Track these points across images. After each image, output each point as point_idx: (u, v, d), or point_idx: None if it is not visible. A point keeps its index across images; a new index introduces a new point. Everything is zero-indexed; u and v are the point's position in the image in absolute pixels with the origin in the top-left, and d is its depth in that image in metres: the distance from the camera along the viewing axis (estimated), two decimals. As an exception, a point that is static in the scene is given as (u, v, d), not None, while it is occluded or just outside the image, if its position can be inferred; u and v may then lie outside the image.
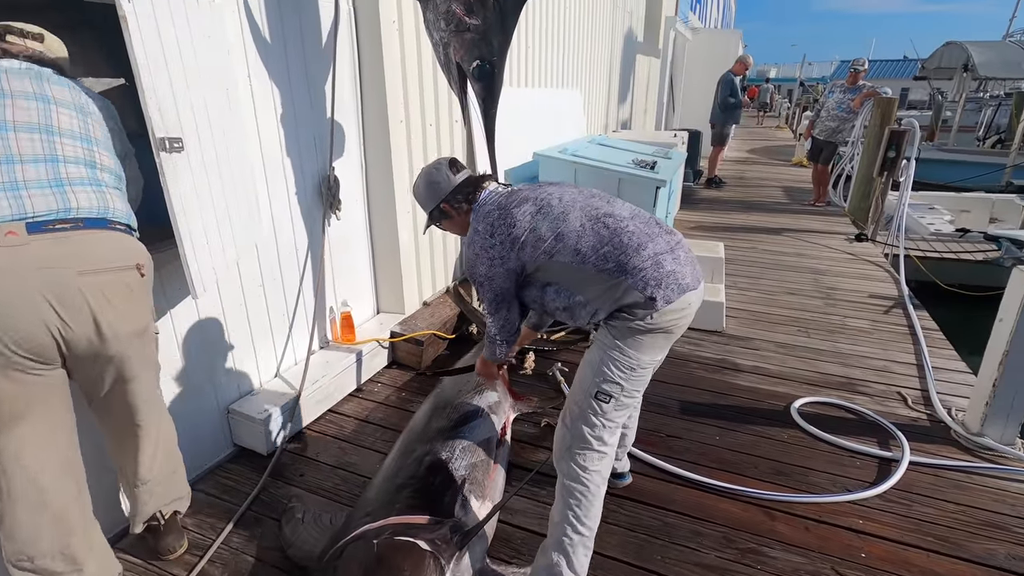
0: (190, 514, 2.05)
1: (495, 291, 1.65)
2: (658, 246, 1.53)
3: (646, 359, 1.56)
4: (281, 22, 2.38)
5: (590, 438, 1.58)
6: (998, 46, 13.61)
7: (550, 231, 1.55)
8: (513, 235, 1.57)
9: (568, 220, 1.55)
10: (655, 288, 1.47)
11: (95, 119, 1.52)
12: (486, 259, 1.61)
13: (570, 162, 3.97)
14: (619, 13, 7.34)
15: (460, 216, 1.74)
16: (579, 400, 1.60)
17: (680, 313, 1.52)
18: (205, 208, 1.86)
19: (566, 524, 1.60)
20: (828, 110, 7.11)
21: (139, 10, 1.56)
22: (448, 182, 1.72)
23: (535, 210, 1.59)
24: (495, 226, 1.60)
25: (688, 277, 1.53)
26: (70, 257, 1.30)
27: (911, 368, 3.15)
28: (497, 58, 2.26)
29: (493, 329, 1.79)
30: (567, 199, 1.61)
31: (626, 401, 1.59)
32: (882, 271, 4.90)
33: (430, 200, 1.76)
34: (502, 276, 1.62)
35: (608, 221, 1.55)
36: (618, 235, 1.52)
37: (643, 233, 1.54)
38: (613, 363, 1.54)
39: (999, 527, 2.00)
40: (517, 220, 1.58)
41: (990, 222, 8.25)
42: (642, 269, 1.48)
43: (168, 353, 2.07)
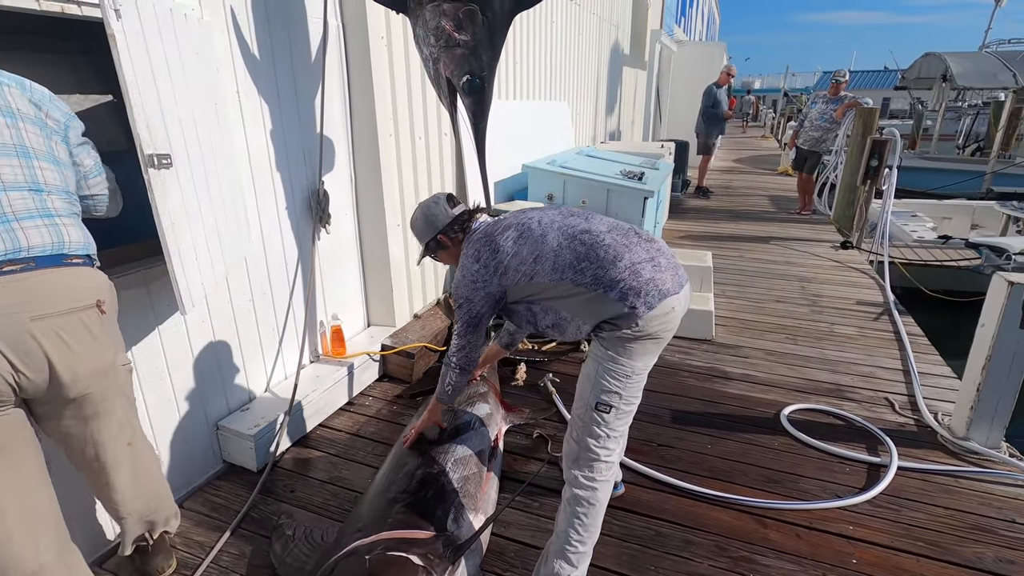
0: (179, 533, 2.02)
1: (471, 313, 1.72)
2: (635, 255, 1.56)
3: (639, 365, 1.59)
4: (270, 38, 2.39)
5: (596, 449, 1.62)
6: (975, 57, 13.94)
7: (530, 254, 1.61)
8: (496, 260, 1.64)
9: (546, 240, 1.61)
10: (635, 297, 1.51)
11: (27, 119, 1.30)
12: (469, 282, 1.68)
13: (559, 174, 4.01)
14: (605, 26, 7.45)
15: (454, 246, 1.83)
16: (581, 414, 1.64)
17: (665, 318, 1.55)
18: (194, 224, 1.86)
19: (571, 531, 1.63)
20: (811, 120, 7.24)
21: (127, 27, 1.56)
22: (445, 215, 1.83)
23: (517, 235, 1.65)
24: (480, 251, 1.67)
25: (669, 283, 1.56)
26: (22, 303, 1.20)
27: (898, 374, 3.20)
28: (487, 72, 2.27)
29: (453, 351, 1.84)
30: (546, 221, 1.67)
31: (626, 408, 1.63)
32: (867, 278, 4.96)
33: (427, 232, 1.85)
34: (481, 300, 1.68)
35: (584, 237, 1.60)
36: (594, 250, 1.56)
37: (620, 245, 1.58)
38: (608, 374, 1.57)
39: (987, 530, 2.03)
40: (500, 246, 1.65)
41: (971, 228, 8.40)
42: (620, 280, 1.52)
43: (156, 369, 2.05)
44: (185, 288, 1.81)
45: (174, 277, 1.76)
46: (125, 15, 1.55)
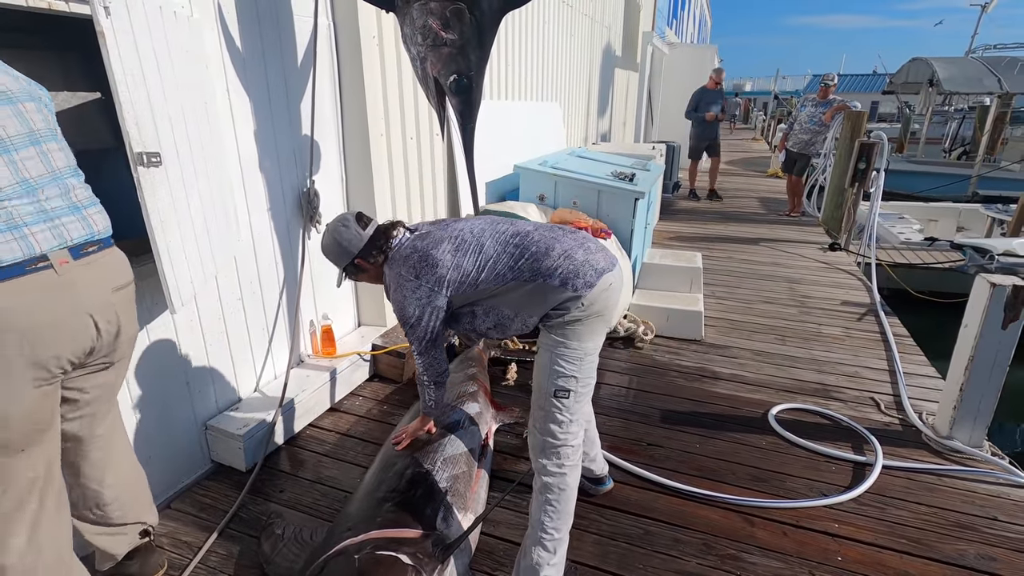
0: (166, 533, 2.01)
1: (425, 330, 1.71)
2: (565, 244, 1.64)
3: (590, 346, 1.65)
4: (260, 37, 2.39)
5: (561, 435, 1.66)
6: (961, 62, 14.14)
7: (472, 265, 1.65)
8: (438, 275, 1.65)
9: (484, 250, 1.66)
10: (574, 278, 1.58)
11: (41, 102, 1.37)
12: (414, 300, 1.67)
13: (550, 174, 4.02)
14: (597, 28, 7.48)
15: (375, 268, 1.80)
16: (542, 403, 1.68)
17: (606, 294, 1.62)
18: (183, 222, 1.85)
19: (545, 519, 1.66)
20: (801, 123, 7.30)
21: (117, 25, 1.55)
22: (359, 237, 1.77)
23: (452, 247, 1.67)
24: (418, 268, 1.66)
25: (602, 262, 1.64)
26: (105, 278, 1.41)
27: (883, 374, 3.24)
28: (475, 72, 2.28)
29: (421, 370, 1.86)
30: (476, 230, 1.72)
31: (583, 391, 1.68)
32: (855, 279, 5.02)
33: (342, 256, 1.80)
34: (431, 315, 1.68)
35: (516, 240, 1.67)
36: (527, 248, 1.64)
37: (548, 238, 1.66)
38: (562, 359, 1.62)
39: (968, 527, 2.06)
40: (439, 260, 1.65)
41: (957, 231, 8.52)
42: (557, 267, 1.59)
43: (145, 368, 2.04)
44: (174, 287, 1.80)
45: (163, 276, 1.76)
46: (114, 12, 1.54)
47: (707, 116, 7.97)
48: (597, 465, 2.19)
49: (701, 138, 8.28)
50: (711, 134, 8.21)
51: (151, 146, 1.68)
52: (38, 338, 1.25)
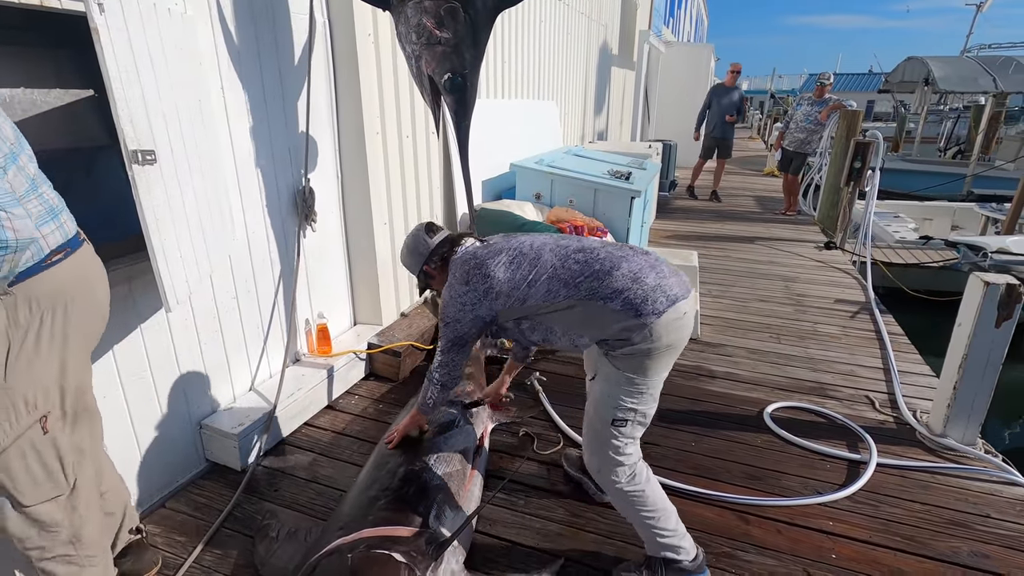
0: (161, 533, 2.01)
1: (457, 333, 1.72)
2: (634, 264, 1.54)
3: (655, 380, 1.58)
4: (255, 34, 2.38)
5: (618, 457, 1.64)
6: (956, 61, 14.20)
7: (523, 279, 1.61)
8: (487, 285, 1.64)
9: (540, 263, 1.61)
10: (640, 303, 1.47)
11: None
12: (458, 303, 1.68)
13: (547, 173, 4.02)
14: (594, 26, 7.48)
15: (440, 275, 1.84)
16: (598, 429, 1.65)
17: (678, 324, 1.51)
18: (178, 221, 1.84)
19: (647, 521, 1.67)
20: (797, 122, 7.32)
21: (111, 22, 1.54)
22: (426, 246, 1.84)
23: (508, 260, 1.66)
24: (470, 275, 1.67)
25: (676, 288, 1.53)
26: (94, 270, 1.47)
27: (878, 372, 3.25)
28: (469, 71, 2.27)
29: (436, 366, 1.84)
30: (537, 244, 1.68)
31: (642, 421, 1.64)
32: (850, 278, 5.04)
33: (415, 266, 1.88)
34: (469, 322, 1.69)
35: (579, 256, 1.59)
36: (590, 265, 1.56)
37: (615, 256, 1.57)
38: (624, 395, 1.56)
39: (962, 525, 2.07)
40: (491, 271, 1.65)
41: (952, 229, 8.56)
42: (622, 290, 1.49)
43: (138, 367, 2.03)
44: (170, 285, 1.79)
45: (158, 274, 1.75)
46: (108, 9, 1.54)
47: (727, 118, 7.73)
48: None
49: (715, 137, 8.02)
50: (726, 134, 7.97)
51: (146, 144, 1.67)
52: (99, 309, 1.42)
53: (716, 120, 7.90)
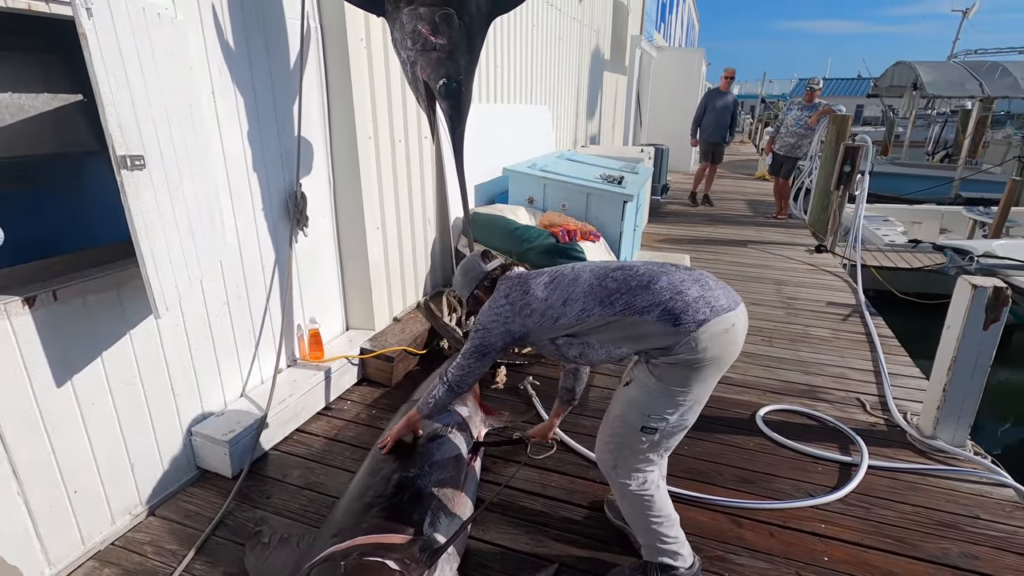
0: (150, 541, 1.99)
1: (484, 341, 1.73)
2: (675, 278, 1.52)
3: (694, 394, 1.54)
4: (246, 39, 2.37)
5: (638, 463, 1.64)
6: (943, 66, 14.38)
7: (559, 298, 1.63)
8: (524, 301, 1.68)
9: (578, 283, 1.63)
10: (681, 313, 1.43)
11: None
12: (492, 314, 1.72)
13: (539, 177, 4.03)
14: (586, 31, 7.52)
15: (487, 297, 1.85)
16: (621, 433, 1.63)
17: (725, 337, 1.46)
18: (168, 226, 1.83)
19: (652, 527, 1.68)
20: (787, 127, 7.39)
21: (99, 27, 1.53)
22: (479, 270, 1.89)
23: (549, 280, 1.70)
24: (511, 290, 1.73)
25: (723, 299, 1.49)
26: None
27: (869, 375, 3.27)
28: (464, 76, 2.28)
29: (453, 368, 1.82)
30: (579, 267, 1.71)
31: (673, 431, 1.61)
32: (840, 281, 5.08)
33: (465, 289, 1.93)
34: (499, 334, 1.71)
35: (617, 274, 1.58)
36: (627, 282, 1.54)
37: (655, 272, 1.55)
38: (658, 404, 1.54)
39: (952, 526, 2.09)
40: (531, 288, 1.69)
41: (940, 232, 8.65)
42: (659, 303, 1.46)
43: (128, 374, 2.01)
44: (159, 291, 1.78)
45: (147, 280, 1.73)
46: (97, 13, 1.52)
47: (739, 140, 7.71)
48: None
49: (712, 142, 8.03)
50: (720, 138, 7.99)
51: (135, 149, 1.66)
52: None
53: (712, 125, 7.91)
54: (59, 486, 1.82)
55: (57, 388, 1.79)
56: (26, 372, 1.70)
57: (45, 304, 1.72)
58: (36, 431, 1.74)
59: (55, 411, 1.79)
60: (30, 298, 1.68)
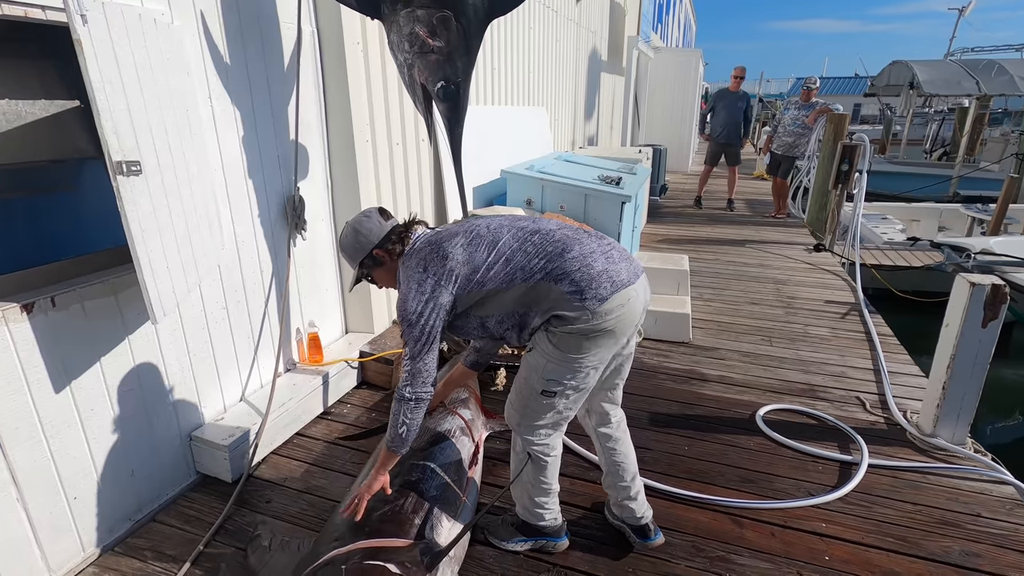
0: (151, 547, 1.98)
1: (423, 329, 1.56)
2: (585, 247, 1.55)
3: (591, 359, 1.58)
4: (243, 44, 2.37)
5: (542, 422, 1.70)
6: (940, 65, 14.41)
7: (482, 260, 1.56)
8: (447, 267, 1.55)
9: (498, 245, 1.58)
10: (586, 288, 1.48)
11: None
12: (417, 294, 1.55)
13: (537, 179, 4.03)
14: (583, 33, 7.52)
15: (392, 261, 1.69)
16: (525, 395, 1.69)
17: (621, 311, 1.52)
18: (165, 231, 1.83)
19: (534, 491, 1.82)
20: (784, 126, 7.39)
21: (94, 33, 1.54)
22: (380, 227, 1.70)
23: (466, 241, 1.59)
24: (427, 260, 1.57)
25: (624, 273, 1.54)
26: None
27: (868, 373, 3.27)
28: (462, 79, 2.29)
29: (406, 381, 1.61)
30: (494, 226, 1.64)
31: (573, 395, 1.65)
32: (839, 279, 5.08)
33: (360, 250, 1.70)
34: (432, 312, 1.55)
35: (535, 238, 1.58)
36: (544, 247, 1.56)
37: (569, 239, 1.57)
38: (556, 369, 1.59)
39: (953, 524, 2.08)
40: (449, 253, 1.57)
41: (939, 230, 8.66)
42: (569, 273, 1.50)
43: (127, 380, 2.01)
44: (156, 296, 1.77)
45: (144, 285, 1.73)
46: (92, 20, 1.53)
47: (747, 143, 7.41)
48: (638, 506, 1.93)
49: (721, 143, 7.77)
50: (732, 140, 7.71)
51: (131, 155, 1.66)
52: None
53: (721, 126, 7.67)
54: (58, 492, 1.82)
55: (56, 394, 1.78)
56: (25, 378, 1.69)
57: (43, 310, 1.72)
58: (35, 437, 1.74)
59: (54, 417, 1.78)
60: (28, 304, 1.68)
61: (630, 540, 1.96)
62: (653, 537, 1.94)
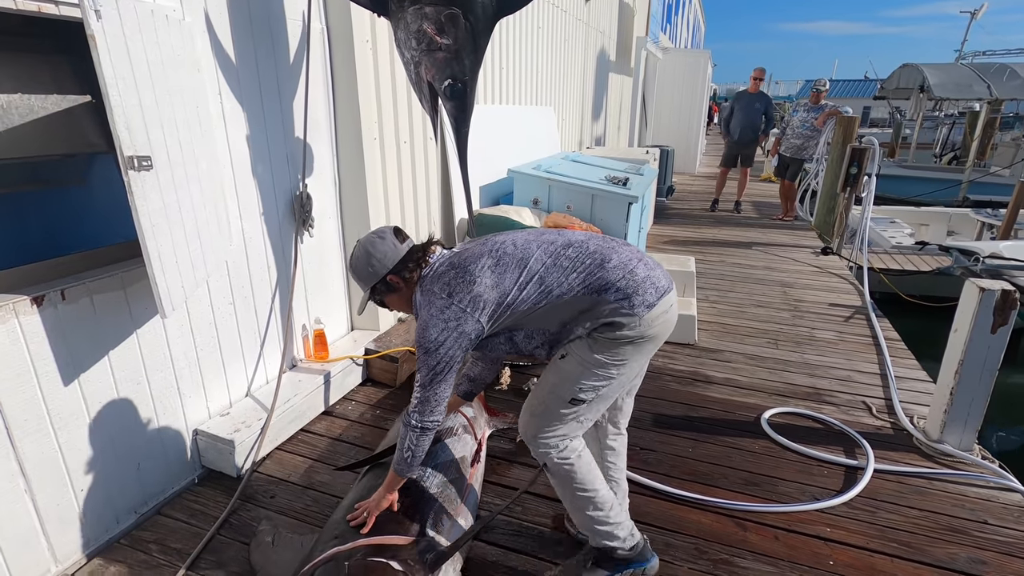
0: (156, 540, 2.00)
1: (440, 358, 1.46)
2: (623, 256, 1.52)
3: (631, 367, 1.55)
4: (252, 41, 2.38)
5: (560, 430, 1.61)
6: (950, 68, 14.28)
7: (512, 282, 1.48)
8: (474, 292, 1.45)
9: (529, 264, 1.50)
10: (633, 294, 1.46)
11: None
12: (440, 322, 1.45)
13: (544, 179, 4.02)
14: (592, 33, 7.51)
15: (408, 287, 1.59)
16: (549, 402, 1.60)
17: (665, 317, 1.52)
18: (174, 226, 1.84)
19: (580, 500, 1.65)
20: (793, 128, 7.35)
21: (108, 29, 1.55)
22: (395, 251, 1.58)
23: (493, 262, 1.50)
24: (452, 285, 1.47)
25: (662, 280, 1.54)
26: None
27: (875, 378, 3.25)
28: (469, 77, 2.29)
29: (414, 407, 1.55)
30: (521, 242, 1.55)
31: (598, 403, 1.60)
32: (847, 283, 5.05)
33: (373, 275, 1.58)
34: (453, 343, 1.45)
35: (569, 251, 1.52)
36: (581, 259, 1.50)
37: (605, 248, 1.54)
38: (594, 377, 1.53)
39: (959, 531, 2.07)
40: (476, 277, 1.47)
41: (948, 235, 8.60)
42: (613, 283, 1.47)
43: (133, 373, 2.03)
44: (165, 291, 1.79)
45: (154, 280, 1.74)
46: (105, 16, 1.54)
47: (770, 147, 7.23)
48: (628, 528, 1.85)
49: (739, 145, 7.64)
50: (748, 141, 7.58)
51: (142, 150, 1.67)
52: None
53: (738, 128, 7.53)
54: (66, 484, 1.83)
55: (64, 387, 1.80)
56: (34, 371, 1.71)
57: (53, 303, 1.74)
58: (43, 429, 1.75)
59: (62, 409, 1.80)
60: (38, 297, 1.70)
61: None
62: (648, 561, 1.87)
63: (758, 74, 7.55)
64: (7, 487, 1.68)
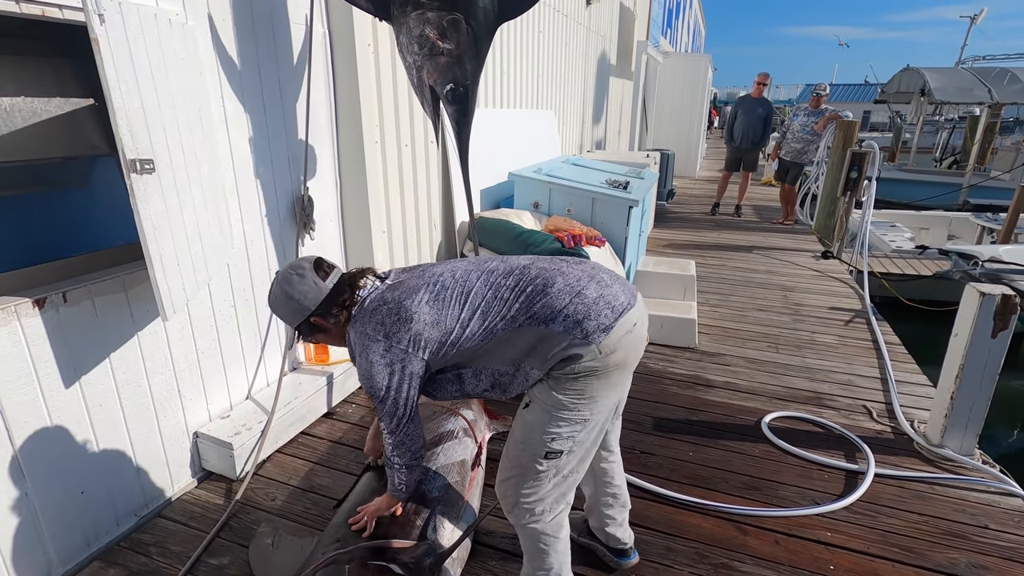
0: (156, 543, 2.00)
1: (395, 403, 1.38)
2: (570, 278, 1.36)
3: (605, 404, 1.37)
4: (255, 44, 2.39)
5: (543, 494, 1.43)
6: (951, 72, 14.31)
7: (455, 319, 1.35)
8: (412, 332, 1.34)
9: (471, 297, 1.37)
10: (584, 320, 1.28)
11: None
12: (383, 367, 1.35)
13: (544, 182, 4.03)
14: (592, 37, 7.53)
15: (338, 328, 1.47)
16: (522, 462, 1.42)
17: (628, 339, 1.33)
18: (176, 229, 1.84)
19: (540, 559, 1.52)
20: (793, 132, 7.36)
21: (111, 32, 1.55)
22: (317, 290, 1.43)
23: (431, 297, 1.37)
24: (388, 325, 1.35)
25: (621, 296, 1.35)
26: None
27: (876, 382, 3.25)
28: (471, 81, 2.29)
29: (391, 451, 1.49)
30: (459, 274, 1.42)
31: (579, 454, 1.43)
32: (847, 287, 5.05)
33: (296, 314, 1.45)
34: (404, 384, 1.36)
35: (508, 281, 1.38)
36: (522, 287, 1.35)
37: (548, 271, 1.38)
38: (562, 422, 1.35)
39: (960, 536, 2.07)
40: (413, 314, 1.34)
41: (948, 239, 8.61)
42: (559, 309, 1.30)
43: (134, 376, 2.03)
44: (167, 293, 1.79)
45: (155, 282, 1.75)
46: (109, 19, 1.55)
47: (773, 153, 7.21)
48: (623, 533, 1.87)
49: (742, 149, 7.63)
50: (750, 145, 7.56)
51: (144, 153, 1.68)
52: None
53: (740, 133, 7.55)
54: (66, 487, 1.83)
55: (65, 389, 1.80)
56: (35, 373, 1.71)
57: (55, 305, 1.74)
58: (44, 431, 1.75)
59: (63, 412, 1.80)
60: (40, 299, 1.70)
61: (605, 560, 1.90)
62: (631, 556, 1.89)
63: (762, 79, 7.56)
64: (7, 489, 1.68)
